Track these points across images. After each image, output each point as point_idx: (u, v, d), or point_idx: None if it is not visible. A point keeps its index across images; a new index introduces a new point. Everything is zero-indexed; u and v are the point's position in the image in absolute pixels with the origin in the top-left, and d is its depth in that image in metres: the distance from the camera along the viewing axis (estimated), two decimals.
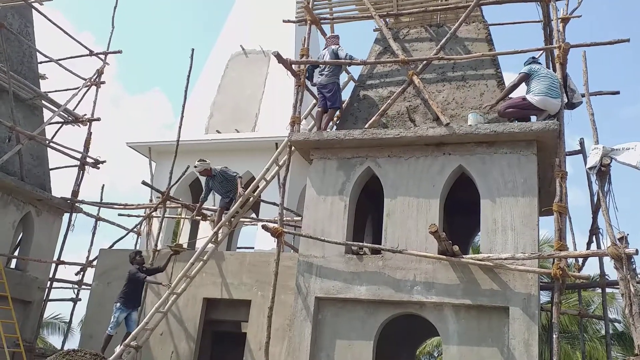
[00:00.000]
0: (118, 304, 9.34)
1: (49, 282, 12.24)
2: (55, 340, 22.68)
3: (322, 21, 10.17)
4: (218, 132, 13.62)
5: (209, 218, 11.36)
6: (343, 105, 9.58)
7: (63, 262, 12.29)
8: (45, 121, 13.11)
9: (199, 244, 9.93)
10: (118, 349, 8.72)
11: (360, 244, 8.44)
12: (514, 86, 8.17)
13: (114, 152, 44.86)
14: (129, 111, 56.67)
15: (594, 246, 9.33)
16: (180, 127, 11.19)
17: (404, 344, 10.96)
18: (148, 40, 59.66)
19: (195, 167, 10.09)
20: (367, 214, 10.02)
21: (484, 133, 7.86)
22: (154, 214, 11.79)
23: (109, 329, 9.29)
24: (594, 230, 9.39)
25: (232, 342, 9.90)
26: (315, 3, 10.04)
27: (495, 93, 8.56)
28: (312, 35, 9.99)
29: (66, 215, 12.77)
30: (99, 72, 13.72)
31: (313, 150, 8.93)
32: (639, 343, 6.39)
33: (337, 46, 9.32)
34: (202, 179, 10.51)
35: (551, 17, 8.73)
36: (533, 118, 8.10)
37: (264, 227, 8.58)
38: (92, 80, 13.61)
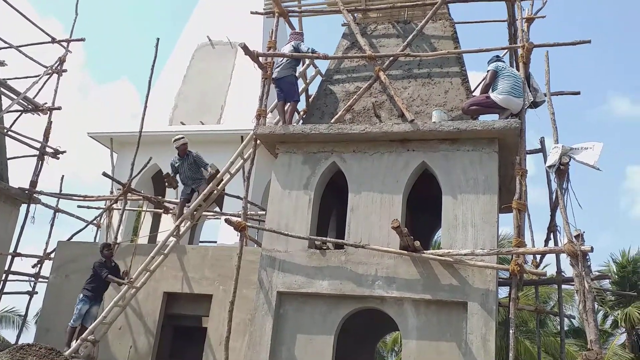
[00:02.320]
0: (81, 296, 9.18)
1: (4, 275, 11.88)
2: (9, 335, 22.04)
3: (290, 14, 10.11)
4: (182, 123, 13.42)
5: (171, 211, 11.20)
6: (310, 99, 9.55)
7: (19, 255, 11.94)
8: (3, 109, 12.71)
9: (161, 238, 9.79)
10: (75, 344, 8.55)
11: (324, 238, 8.45)
12: (488, 85, 8.24)
13: (79, 143, 43.92)
14: (97, 101, 55.60)
15: (551, 243, 9.53)
16: (143, 118, 10.97)
17: (364, 338, 11.01)
18: (117, 29, 58.54)
19: (175, 140, 10.00)
20: (332, 208, 10.02)
21: (447, 130, 7.93)
22: (114, 206, 11.57)
23: (72, 321, 9.11)
24: (552, 228, 9.57)
25: (193, 336, 9.79)
26: None
27: (459, 91, 8.64)
28: (280, 28, 9.91)
29: (24, 207, 12.43)
30: (61, 60, 13.34)
31: (279, 144, 8.88)
32: (591, 338, 6.54)
33: (299, 42, 9.30)
34: (171, 163, 10.29)
35: (516, 17, 8.86)
36: (496, 116, 8.21)
37: (227, 220, 8.51)
38: (54, 68, 13.24)
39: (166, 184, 10.40)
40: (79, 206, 12.43)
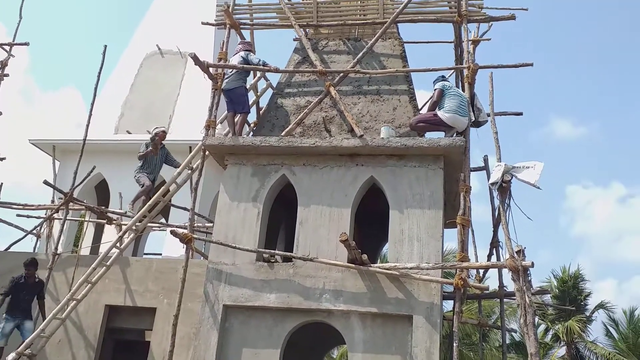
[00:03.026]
0: (4, 315, 8.86)
1: None
2: None
3: (241, 26, 10.09)
4: (128, 132, 13.16)
5: (114, 222, 10.92)
6: (261, 112, 9.55)
7: None
8: None
9: (103, 249, 9.52)
10: (10, 357, 8.19)
11: (272, 251, 8.39)
12: (435, 103, 8.44)
13: (20, 150, 42.33)
14: (41, 107, 53.76)
15: (494, 258, 9.79)
16: (87, 125, 10.70)
17: (311, 352, 10.99)
18: (65, 35, 56.97)
19: (157, 129, 10.15)
20: (281, 221, 10.00)
21: (394, 146, 8.08)
22: (55, 215, 11.18)
23: None
24: (494, 243, 9.84)
25: (135, 351, 9.53)
26: (235, 8, 9.95)
27: (407, 108, 8.83)
28: (231, 39, 9.89)
29: None
30: (3, 64, 12.87)
31: (228, 155, 8.82)
32: (531, 352, 6.74)
33: (248, 52, 9.31)
34: (145, 143, 10.35)
35: (462, 39, 9.12)
36: (442, 134, 8.42)
37: (172, 232, 8.36)
38: None
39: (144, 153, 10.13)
40: (18, 215, 11.95)
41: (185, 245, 8.33)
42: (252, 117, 10.20)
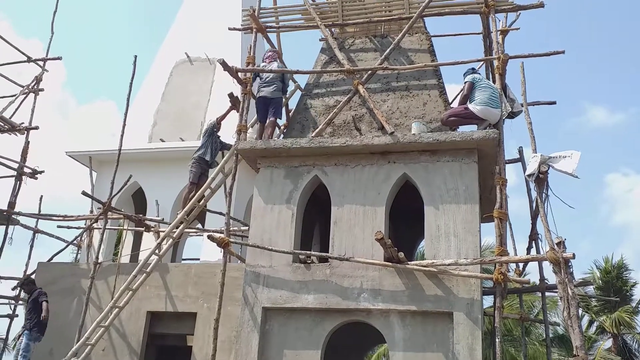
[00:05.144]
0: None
1: None
2: None
3: (268, 30, 10.15)
4: (162, 140, 13.34)
5: (152, 229, 11.09)
6: (290, 114, 9.59)
7: None
8: None
9: (142, 256, 9.68)
10: None
11: (308, 252, 8.41)
12: (466, 96, 8.35)
13: (58, 162, 43.41)
14: (77, 120, 55.02)
15: (533, 251, 9.62)
16: (122, 136, 10.89)
17: (351, 352, 10.98)
18: (98, 48, 58.21)
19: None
20: (315, 222, 10.02)
21: (427, 142, 8.00)
22: (94, 225, 11.42)
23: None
24: (533, 236, 9.67)
25: (178, 355, 9.67)
26: (261, 11, 10.03)
27: (437, 103, 8.74)
28: (258, 43, 9.95)
29: (3, 228, 12.22)
30: (38, 79, 13.23)
31: (260, 158, 8.88)
32: (577, 345, 6.59)
33: (275, 61, 9.52)
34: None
35: (491, 30, 8.99)
36: (474, 127, 8.31)
37: (209, 237, 8.44)
38: (30, 87, 13.11)
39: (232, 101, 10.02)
40: (58, 226, 12.26)
41: (222, 250, 8.41)
42: (281, 120, 10.23)
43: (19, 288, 10.08)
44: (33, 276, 11.07)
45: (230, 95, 9.80)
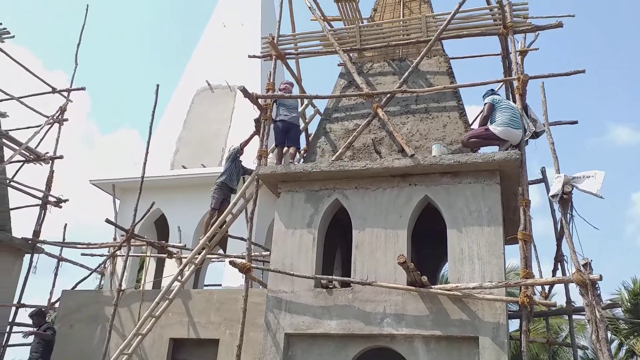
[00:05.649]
0: None
1: (8, 327, 11.76)
2: None
3: (287, 56, 10.27)
4: (184, 167, 13.48)
5: (174, 255, 11.14)
6: (310, 138, 9.65)
7: (24, 305, 11.85)
8: (5, 160, 12.79)
9: (165, 283, 9.71)
10: None
11: (330, 277, 8.37)
12: (486, 117, 8.32)
13: (82, 191, 44.10)
14: (101, 148, 55.90)
15: (559, 273, 9.45)
16: (145, 163, 11.03)
17: None
18: (121, 78, 59.30)
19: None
20: (336, 246, 9.97)
21: (447, 164, 7.96)
22: (118, 252, 11.51)
23: None
24: (559, 258, 9.52)
25: None
26: (280, 39, 10.15)
27: (457, 125, 8.71)
28: (277, 69, 10.07)
29: (28, 256, 12.38)
30: (62, 110, 13.51)
31: (280, 183, 8.91)
32: None
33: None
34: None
35: (510, 50, 8.98)
36: (495, 148, 8.25)
37: (231, 262, 8.45)
38: (55, 117, 13.39)
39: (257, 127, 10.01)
40: (82, 254, 12.36)
41: (244, 275, 8.40)
42: (300, 143, 10.29)
43: (30, 317, 10.29)
44: (57, 304, 11.18)
45: (257, 120, 9.87)
